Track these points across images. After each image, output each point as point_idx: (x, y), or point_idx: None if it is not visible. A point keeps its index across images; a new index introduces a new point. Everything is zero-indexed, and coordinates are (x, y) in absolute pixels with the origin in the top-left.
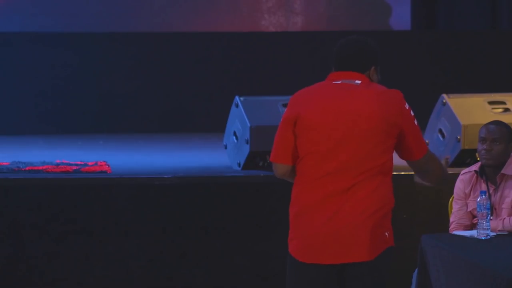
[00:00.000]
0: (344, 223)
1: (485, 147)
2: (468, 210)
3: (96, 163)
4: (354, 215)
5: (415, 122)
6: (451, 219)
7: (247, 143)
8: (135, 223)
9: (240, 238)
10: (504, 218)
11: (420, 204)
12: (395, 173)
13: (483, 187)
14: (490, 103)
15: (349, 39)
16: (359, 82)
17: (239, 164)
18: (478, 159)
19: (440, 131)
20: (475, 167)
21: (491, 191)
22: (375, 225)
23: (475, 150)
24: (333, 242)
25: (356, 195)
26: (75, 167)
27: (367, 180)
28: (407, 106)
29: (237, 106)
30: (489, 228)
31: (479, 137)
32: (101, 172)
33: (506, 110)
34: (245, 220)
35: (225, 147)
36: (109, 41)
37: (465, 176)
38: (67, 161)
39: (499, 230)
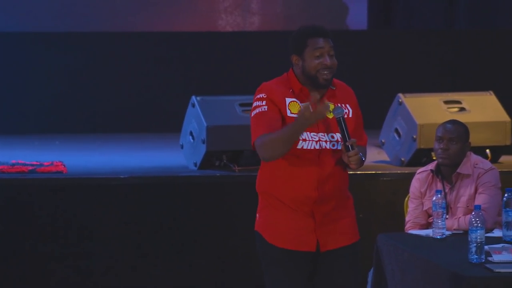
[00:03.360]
0: None
1: (442, 146)
2: (424, 209)
3: (52, 163)
4: None
5: (253, 112)
6: (406, 218)
7: (203, 143)
8: (91, 223)
9: (196, 237)
10: (460, 217)
11: (376, 203)
12: (350, 172)
13: (439, 186)
14: (446, 102)
15: None
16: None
17: (195, 164)
18: (434, 158)
19: (396, 130)
20: (431, 166)
21: (446, 190)
22: None
23: (430, 150)
24: None
25: None
26: (30, 167)
27: None
28: (257, 96)
29: (193, 106)
30: (445, 227)
31: (436, 136)
32: (57, 172)
33: (462, 109)
34: (201, 219)
35: (182, 147)
36: (65, 41)
37: (421, 175)
38: (22, 161)
39: (454, 229)
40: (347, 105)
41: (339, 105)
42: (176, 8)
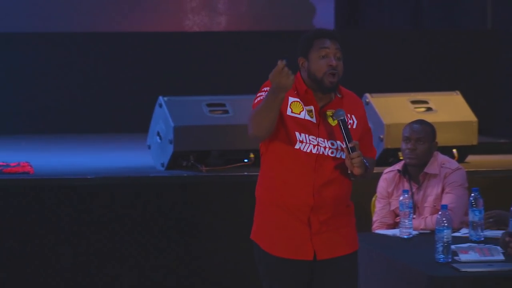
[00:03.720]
0: None
1: (409, 146)
2: (391, 209)
3: (18, 164)
4: None
5: (254, 101)
6: (374, 218)
7: (170, 143)
8: (58, 224)
9: (164, 237)
10: (426, 217)
11: None
12: None
13: (406, 186)
14: (413, 102)
15: None
16: None
17: (162, 164)
18: (401, 158)
19: None
20: (398, 166)
21: (414, 190)
22: None
23: (398, 149)
24: None
25: None
26: None
27: None
28: (262, 89)
29: (160, 106)
30: (412, 227)
31: (403, 136)
32: (24, 173)
33: (429, 109)
34: (169, 219)
35: (149, 147)
36: (30, 42)
37: (388, 175)
38: None
39: (421, 229)
40: (353, 115)
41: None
42: (143, 8)
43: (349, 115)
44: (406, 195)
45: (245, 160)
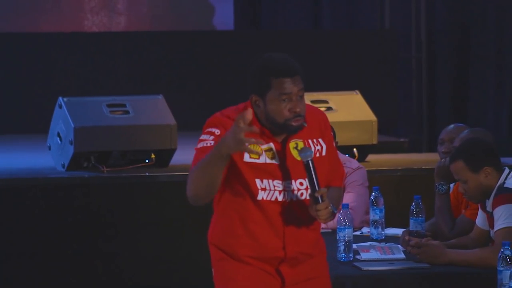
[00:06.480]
0: None
1: None
2: None
3: None
4: None
5: (198, 145)
6: None
7: (71, 144)
8: None
9: (63, 239)
10: None
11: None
12: None
13: None
14: (313, 102)
15: None
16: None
17: (63, 165)
18: None
19: None
20: None
21: None
22: None
23: None
24: None
25: None
26: None
27: None
28: (208, 130)
29: (60, 107)
30: None
31: None
32: None
33: (329, 108)
34: (69, 220)
35: (49, 148)
36: None
37: None
38: None
39: (322, 228)
40: (319, 139)
41: (306, 146)
42: (41, 8)
43: (315, 141)
44: None
45: (146, 161)
